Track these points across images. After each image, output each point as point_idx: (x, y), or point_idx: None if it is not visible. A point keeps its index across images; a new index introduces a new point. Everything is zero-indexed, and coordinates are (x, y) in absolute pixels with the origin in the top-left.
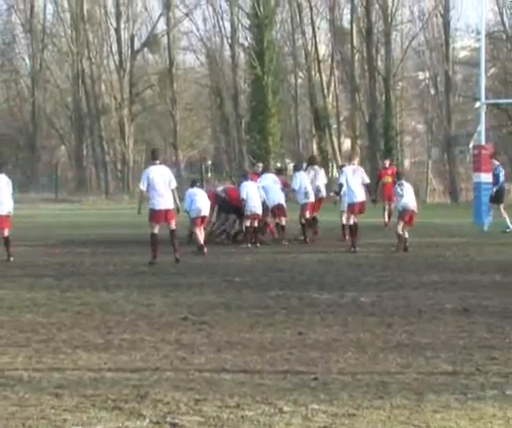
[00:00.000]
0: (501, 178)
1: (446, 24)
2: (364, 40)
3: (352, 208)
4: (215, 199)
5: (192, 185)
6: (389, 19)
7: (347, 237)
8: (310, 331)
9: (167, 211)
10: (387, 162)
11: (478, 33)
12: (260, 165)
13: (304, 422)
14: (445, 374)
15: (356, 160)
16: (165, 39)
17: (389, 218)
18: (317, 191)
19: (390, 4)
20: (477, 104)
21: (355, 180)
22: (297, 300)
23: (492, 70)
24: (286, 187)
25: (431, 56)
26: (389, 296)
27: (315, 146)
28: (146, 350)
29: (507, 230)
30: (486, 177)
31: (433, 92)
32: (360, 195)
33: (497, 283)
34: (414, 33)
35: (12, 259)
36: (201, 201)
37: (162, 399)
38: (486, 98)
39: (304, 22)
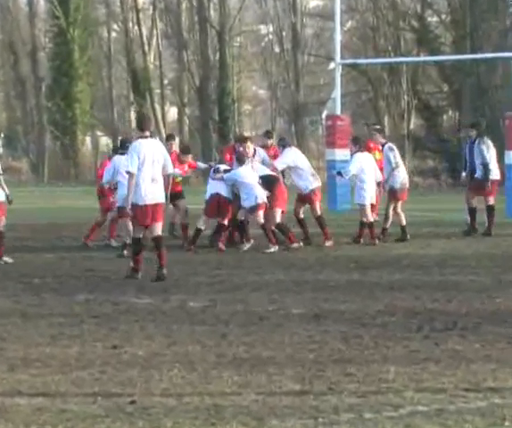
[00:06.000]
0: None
1: None
2: None
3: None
4: None
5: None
6: None
7: None
8: (127, 343)
9: (155, 207)
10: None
11: None
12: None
13: None
14: (291, 395)
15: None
16: None
17: None
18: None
19: None
20: (332, 65)
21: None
22: (111, 306)
23: (350, 24)
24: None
25: (275, 6)
26: (224, 300)
27: (133, 116)
28: None
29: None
30: (342, 154)
31: (277, 49)
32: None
33: (354, 283)
34: None
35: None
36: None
37: None
38: (342, 58)
39: None
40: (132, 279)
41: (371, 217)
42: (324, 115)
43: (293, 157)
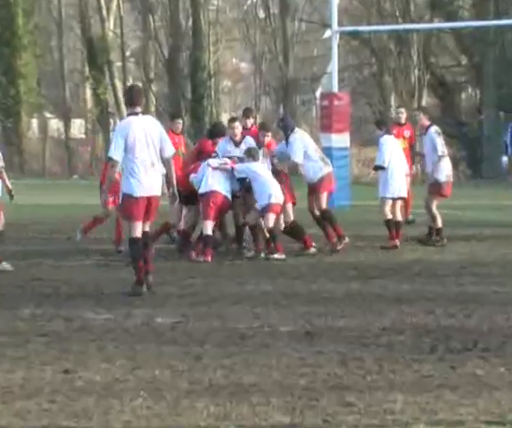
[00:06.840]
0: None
1: None
2: None
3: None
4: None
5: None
6: None
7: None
8: (82, 367)
9: (151, 200)
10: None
11: None
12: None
13: None
14: None
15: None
16: None
17: None
18: None
19: None
20: (327, 33)
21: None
22: (63, 323)
23: None
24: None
25: None
26: (198, 315)
27: (89, 93)
28: None
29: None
30: (339, 140)
31: (262, 15)
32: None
33: (354, 295)
34: None
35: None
36: None
37: None
38: (340, 25)
39: None
40: (135, 296)
41: (389, 214)
42: (318, 93)
43: (302, 144)
